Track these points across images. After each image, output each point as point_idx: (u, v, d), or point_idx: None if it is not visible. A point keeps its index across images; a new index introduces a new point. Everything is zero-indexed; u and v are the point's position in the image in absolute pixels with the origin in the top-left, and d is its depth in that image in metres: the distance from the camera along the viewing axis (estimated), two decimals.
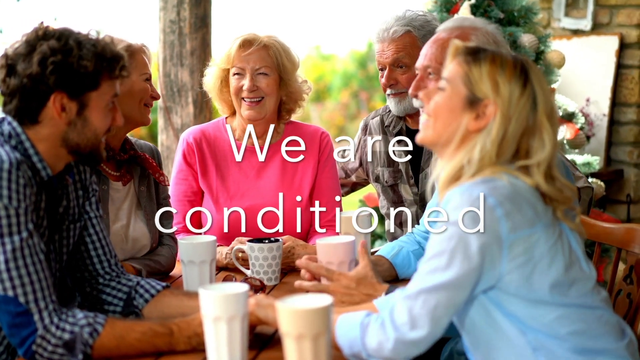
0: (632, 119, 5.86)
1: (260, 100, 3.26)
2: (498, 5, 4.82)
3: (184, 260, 2.73)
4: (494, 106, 2.13)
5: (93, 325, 2.18)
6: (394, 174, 3.61)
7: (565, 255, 2.12)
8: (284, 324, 1.92)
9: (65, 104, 2.28)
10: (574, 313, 2.12)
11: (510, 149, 2.13)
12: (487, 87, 2.14)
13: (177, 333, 2.23)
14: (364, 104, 11.91)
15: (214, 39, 5.01)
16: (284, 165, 3.36)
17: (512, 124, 2.12)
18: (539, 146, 2.13)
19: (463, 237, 2.05)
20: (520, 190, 2.10)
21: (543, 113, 2.13)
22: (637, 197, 5.90)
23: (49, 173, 2.30)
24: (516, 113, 2.12)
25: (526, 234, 2.07)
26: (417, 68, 2.85)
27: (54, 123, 2.29)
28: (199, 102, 4.88)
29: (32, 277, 2.17)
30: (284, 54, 3.29)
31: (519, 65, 2.16)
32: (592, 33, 5.97)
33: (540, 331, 2.10)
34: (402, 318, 2.06)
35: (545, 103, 2.14)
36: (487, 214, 2.05)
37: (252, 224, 3.27)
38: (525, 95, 2.13)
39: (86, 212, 2.52)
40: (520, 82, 2.14)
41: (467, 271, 2.05)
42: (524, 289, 2.09)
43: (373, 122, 3.72)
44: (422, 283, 2.07)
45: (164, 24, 4.93)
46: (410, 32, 3.46)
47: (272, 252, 2.89)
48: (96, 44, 2.29)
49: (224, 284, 2.19)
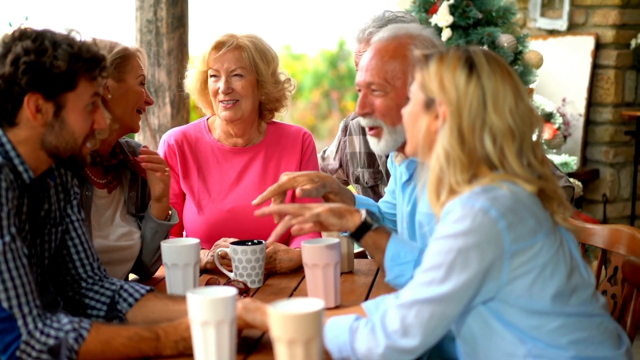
0: (608, 118, 5.89)
1: (235, 103, 3.23)
2: (476, 6, 4.83)
3: (167, 264, 2.70)
4: (444, 104, 2.11)
5: (78, 331, 2.14)
6: (374, 175, 3.60)
7: (566, 262, 2.11)
8: (275, 328, 1.90)
9: (41, 105, 2.23)
10: (575, 322, 2.10)
11: (477, 144, 2.08)
12: (434, 86, 2.13)
13: (164, 338, 2.19)
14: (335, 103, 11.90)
15: (191, 39, 4.98)
16: (266, 166, 3.33)
17: (464, 117, 2.09)
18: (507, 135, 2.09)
19: (462, 251, 2.02)
20: (521, 199, 2.06)
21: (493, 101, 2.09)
22: (612, 197, 5.93)
23: (30, 176, 2.27)
24: (466, 105, 2.09)
25: (528, 244, 2.05)
26: (359, 84, 2.79)
27: (31, 125, 2.25)
28: (176, 102, 4.85)
29: (16, 282, 2.13)
30: (258, 55, 3.25)
31: (463, 57, 2.13)
32: (567, 33, 6.00)
33: (540, 340, 2.08)
34: (394, 325, 2.04)
35: (493, 91, 2.09)
36: (489, 226, 2.01)
37: (234, 226, 3.26)
38: (471, 85, 2.10)
39: (68, 216, 2.48)
40: (465, 73, 2.11)
41: (464, 286, 2.02)
42: (524, 299, 2.07)
43: (353, 123, 3.70)
44: (417, 293, 2.05)
45: (140, 24, 4.89)
46: None
47: (256, 254, 2.86)
48: (73, 44, 2.25)
49: (212, 287, 2.15)
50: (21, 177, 2.25)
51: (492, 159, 2.09)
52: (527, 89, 4.90)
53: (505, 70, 2.14)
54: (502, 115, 2.09)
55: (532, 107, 2.16)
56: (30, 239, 2.31)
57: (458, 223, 2.04)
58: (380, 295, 2.37)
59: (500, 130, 2.09)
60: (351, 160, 3.67)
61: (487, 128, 2.09)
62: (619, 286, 2.76)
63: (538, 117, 2.17)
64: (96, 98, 2.32)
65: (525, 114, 2.13)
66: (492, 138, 2.09)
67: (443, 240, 2.05)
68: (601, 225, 2.96)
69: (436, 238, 2.08)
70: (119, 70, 2.87)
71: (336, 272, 2.61)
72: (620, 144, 5.96)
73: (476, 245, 2.02)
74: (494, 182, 2.07)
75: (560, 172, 3.48)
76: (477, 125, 2.09)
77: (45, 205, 2.36)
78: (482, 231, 2.02)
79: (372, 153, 3.59)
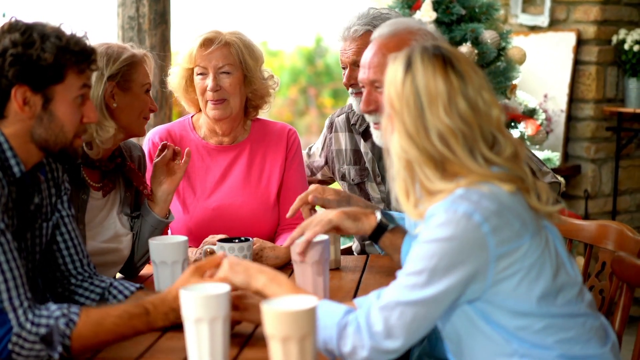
0: (589, 114, 5.91)
1: (223, 101, 3.22)
2: (460, 2, 4.83)
3: (155, 261, 2.69)
4: (387, 104, 2.12)
5: (68, 316, 2.13)
6: (361, 172, 3.59)
7: (552, 262, 2.09)
8: (269, 326, 1.89)
9: (29, 97, 2.22)
10: (560, 322, 2.09)
11: (427, 145, 2.05)
12: (385, 86, 2.14)
13: (153, 311, 2.20)
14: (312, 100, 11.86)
15: (174, 36, 4.95)
16: (251, 164, 3.33)
17: (406, 118, 2.07)
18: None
19: (445, 257, 2.01)
20: (504, 201, 2.04)
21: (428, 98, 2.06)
22: (594, 193, 5.95)
23: (22, 169, 2.25)
24: (404, 106, 2.07)
25: (514, 246, 2.03)
26: (362, 81, 2.80)
27: (20, 117, 2.24)
28: (159, 99, 4.82)
29: (6, 275, 2.12)
30: (246, 51, 3.25)
31: (406, 56, 2.11)
32: (549, 29, 6.01)
33: (526, 341, 2.08)
34: (378, 326, 2.03)
35: (427, 90, 2.06)
36: (472, 231, 2.00)
37: (220, 224, 3.25)
38: (407, 85, 2.07)
39: (58, 211, 2.47)
40: (401, 72, 2.09)
41: (447, 290, 2.02)
42: (510, 301, 2.06)
43: (339, 120, 3.69)
44: (400, 295, 2.04)
45: (122, 20, 4.86)
46: (370, 31, 3.40)
47: (243, 251, 2.85)
48: (61, 36, 2.24)
49: (204, 284, 2.14)
50: (11, 170, 2.23)
51: (448, 158, 2.06)
52: (510, 85, 4.95)
53: (441, 67, 2.08)
54: (437, 115, 2.06)
55: (479, 103, 2.08)
56: (20, 233, 2.30)
57: (441, 228, 2.02)
58: (369, 291, 2.37)
59: (442, 130, 2.05)
60: (337, 158, 3.66)
61: (431, 128, 2.06)
62: (607, 282, 2.77)
63: (487, 114, 2.09)
64: (85, 90, 2.31)
65: (465, 112, 2.07)
66: (439, 138, 2.06)
67: (426, 245, 2.04)
68: (589, 220, 2.97)
69: (420, 242, 2.07)
70: (126, 78, 2.84)
71: (325, 268, 2.60)
72: (601, 140, 5.98)
73: (459, 250, 2.01)
74: (473, 185, 2.05)
75: (547, 167, 3.49)
76: (419, 126, 2.06)
77: (35, 199, 2.35)
78: (466, 236, 2.01)
79: (359, 150, 3.59)
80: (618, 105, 6.00)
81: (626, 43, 5.79)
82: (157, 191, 3.00)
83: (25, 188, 2.30)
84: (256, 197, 3.30)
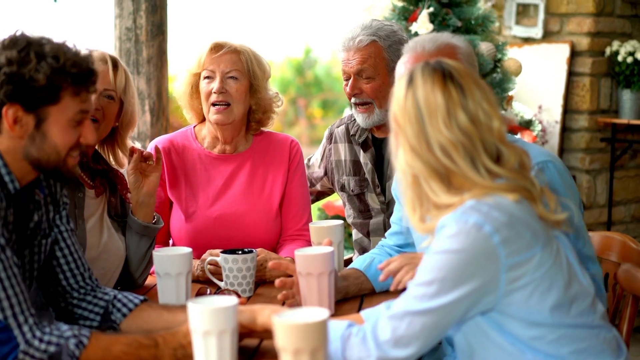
0: (584, 125, 5.93)
1: (227, 107, 3.22)
2: (456, 14, 4.84)
3: (159, 273, 2.68)
4: (392, 119, 2.14)
5: (79, 337, 2.12)
6: (360, 183, 3.59)
7: (564, 272, 2.10)
8: (280, 338, 1.89)
9: (21, 116, 2.19)
10: (575, 333, 2.09)
11: (430, 158, 2.08)
12: (392, 107, 2.16)
13: (163, 345, 2.17)
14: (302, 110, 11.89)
15: (171, 47, 4.95)
16: (254, 174, 3.33)
17: (409, 132, 2.10)
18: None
19: (455, 268, 2.02)
20: (514, 212, 2.05)
21: (428, 113, 2.09)
22: (589, 204, 5.96)
23: (16, 186, 2.23)
24: (407, 120, 2.10)
25: (525, 257, 2.04)
26: None
27: (11, 135, 2.21)
28: (155, 110, 4.81)
29: (8, 292, 2.10)
30: (255, 61, 3.26)
31: (409, 72, 2.15)
32: (543, 41, 6.03)
33: (541, 351, 2.08)
34: (385, 336, 2.04)
35: (426, 104, 2.09)
36: (483, 242, 2.01)
37: (221, 233, 3.24)
38: (408, 99, 2.10)
39: (57, 226, 2.45)
40: (403, 87, 2.12)
41: (457, 300, 2.02)
42: (524, 311, 2.06)
43: (338, 131, 3.70)
44: (409, 305, 2.04)
45: (119, 32, 4.85)
46: (375, 41, 3.44)
47: (247, 263, 2.84)
48: (59, 57, 2.20)
49: (212, 297, 2.14)
50: (7, 187, 2.21)
51: (452, 171, 2.08)
52: (506, 97, 4.96)
53: (440, 81, 2.11)
54: (437, 128, 2.08)
55: (479, 115, 2.10)
56: (18, 250, 2.28)
57: (452, 239, 2.03)
58: (375, 302, 2.37)
59: (443, 142, 2.07)
60: (336, 168, 3.66)
61: (433, 142, 2.08)
62: (611, 293, 2.78)
63: (488, 127, 2.11)
64: (84, 115, 2.28)
65: (465, 124, 2.09)
66: (441, 151, 2.08)
67: (437, 256, 2.05)
68: (592, 232, 2.97)
69: (431, 252, 2.07)
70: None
71: (330, 280, 2.60)
72: (595, 151, 5.99)
73: (470, 262, 2.02)
74: (481, 197, 2.06)
75: None
76: (422, 140, 2.08)
77: (35, 217, 2.33)
78: (476, 247, 2.01)
79: (358, 161, 3.59)
80: (612, 116, 6.02)
81: (620, 55, 5.81)
82: (138, 196, 2.98)
83: (22, 205, 2.28)
84: (259, 207, 3.29)
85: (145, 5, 4.82)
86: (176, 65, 5.37)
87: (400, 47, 3.45)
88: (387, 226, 3.53)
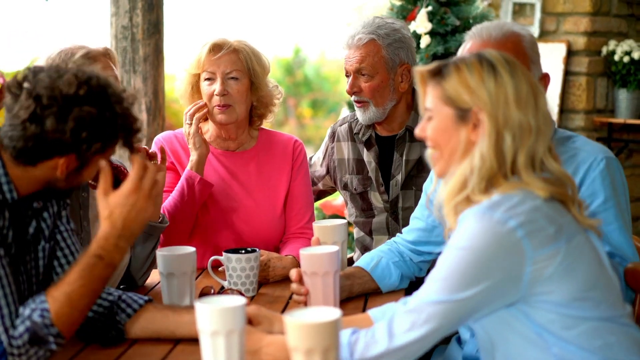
0: (580, 125, 5.94)
1: (229, 107, 3.21)
2: (454, 13, 4.84)
3: (163, 273, 2.66)
4: (480, 111, 2.10)
5: (37, 307, 2.11)
6: (364, 181, 3.58)
7: (593, 267, 2.09)
8: (292, 338, 1.86)
9: (71, 163, 2.18)
10: (605, 326, 2.07)
11: (509, 151, 2.08)
12: (465, 96, 2.11)
13: (104, 251, 2.15)
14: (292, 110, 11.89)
15: (167, 45, 4.93)
16: (259, 173, 3.32)
17: (500, 121, 2.08)
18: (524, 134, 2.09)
19: (476, 264, 2.01)
20: (539, 207, 2.05)
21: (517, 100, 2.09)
22: None
23: (14, 196, 2.20)
24: (499, 109, 2.08)
25: (550, 251, 2.02)
26: None
27: (51, 173, 2.19)
28: (152, 109, 4.80)
29: None
30: (254, 58, 3.25)
31: (484, 62, 2.13)
32: (539, 40, 6.00)
33: (570, 342, 2.05)
34: (403, 328, 2.02)
35: (516, 89, 2.10)
36: (507, 236, 2.00)
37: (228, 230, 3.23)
38: (500, 88, 2.09)
39: (57, 227, 2.43)
40: (492, 78, 2.10)
41: (476, 294, 2.01)
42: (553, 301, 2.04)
43: (341, 129, 3.68)
44: (428, 298, 2.03)
45: (116, 30, 4.84)
46: (374, 40, 3.44)
47: (250, 262, 2.82)
48: (126, 114, 2.19)
49: (220, 297, 2.11)
50: (4, 196, 2.18)
51: (507, 159, 2.08)
52: None
53: (522, 69, 2.14)
54: (525, 113, 2.09)
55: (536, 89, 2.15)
56: (19, 256, 2.25)
57: (475, 234, 2.02)
58: (380, 302, 2.36)
59: (520, 128, 2.08)
60: (339, 167, 3.65)
61: (510, 126, 2.08)
62: None
63: (551, 118, 2.17)
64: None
65: (546, 112, 2.13)
66: (512, 136, 2.08)
67: (458, 251, 2.03)
68: None
69: (452, 247, 2.06)
70: None
71: (335, 280, 2.58)
72: None
73: (492, 258, 2.01)
74: (510, 191, 2.06)
75: None
76: (510, 131, 2.08)
77: (33, 223, 2.31)
78: (500, 243, 2.00)
79: (361, 159, 3.58)
80: (608, 115, 6.03)
81: (616, 54, 5.82)
82: None
83: (21, 213, 2.26)
84: (264, 204, 3.29)
85: (142, 3, 4.81)
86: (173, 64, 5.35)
87: (401, 46, 3.44)
88: (390, 224, 3.53)
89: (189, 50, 3.34)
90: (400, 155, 3.49)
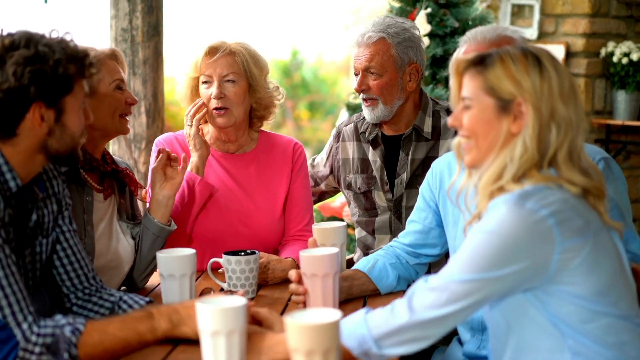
0: None
1: (227, 110, 3.22)
2: (453, 15, 4.85)
3: (163, 274, 2.66)
4: (524, 102, 2.11)
5: (74, 324, 2.12)
6: (368, 181, 3.59)
7: (614, 264, 2.11)
8: (293, 339, 1.87)
9: (44, 113, 2.20)
10: (621, 324, 2.09)
11: (550, 143, 2.10)
12: (509, 86, 2.12)
13: (157, 314, 2.20)
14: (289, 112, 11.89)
15: (167, 48, 4.93)
16: (258, 175, 3.33)
17: (543, 113, 2.10)
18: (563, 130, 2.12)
19: (505, 246, 2.02)
20: (568, 200, 2.07)
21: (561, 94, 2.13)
22: None
23: (18, 183, 2.22)
24: (543, 101, 2.10)
25: (577, 242, 2.04)
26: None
27: (34, 134, 2.21)
28: (151, 111, 4.80)
29: (6, 291, 2.10)
30: (251, 60, 3.25)
31: (529, 55, 2.15)
32: (538, 42, 6.04)
33: (586, 335, 2.06)
34: (424, 303, 2.04)
35: (560, 84, 2.12)
36: (538, 224, 2.01)
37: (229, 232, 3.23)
38: (545, 81, 2.11)
39: (59, 226, 2.44)
40: (537, 70, 2.12)
41: (502, 277, 2.02)
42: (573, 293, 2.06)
43: (347, 129, 3.70)
44: (452, 276, 2.04)
45: (115, 33, 4.84)
46: (384, 38, 3.45)
47: (249, 264, 2.83)
48: (65, 45, 2.22)
49: (220, 297, 2.12)
50: (7, 185, 2.20)
51: (549, 151, 2.11)
52: None
53: (564, 66, 2.17)
54: (567, 108, 2.12)
55: (575, 87, 2.18)
56: (18, 249, 2.27)
57: (505, 220, 2.03)
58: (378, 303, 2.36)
59: (565, 121, 2.11)
60: (343, 167, 3.66)
61: (555, 119, 2.11)
62: None
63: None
64: (85, 99, 2.31)
65: (583, 110, 2.17)
66: (557, 128, 2.10)
67: (486, 234, 2.04)
68: None
69: (479, 230, 2.07)
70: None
71: (335, 282, 2.59)
72: None
73: (521, 244, 2.02)
74: (540, 182, 2.08)
75: None
76: (551, 123, 2.11)
77: (34, 216, 2.32)
78: (530, 230, 2.02)
79: (366, 158, 3.59)
80: (606, 117, 6.04)
81: (615, 56, 5.83)
82: (158, 196, 2.98)
83: (22, 204, 2.26)
84: (264, 206, 3.29)
85: (142, 6, 4.80)
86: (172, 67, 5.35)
87: (410, 45, 3.46)
88: (393, 224, 3.54)
89: (188, 53, 3.34)
90: (406, 154, 3.50)
